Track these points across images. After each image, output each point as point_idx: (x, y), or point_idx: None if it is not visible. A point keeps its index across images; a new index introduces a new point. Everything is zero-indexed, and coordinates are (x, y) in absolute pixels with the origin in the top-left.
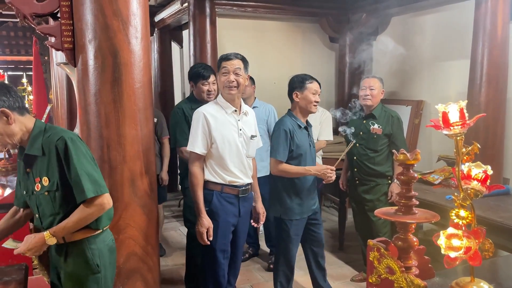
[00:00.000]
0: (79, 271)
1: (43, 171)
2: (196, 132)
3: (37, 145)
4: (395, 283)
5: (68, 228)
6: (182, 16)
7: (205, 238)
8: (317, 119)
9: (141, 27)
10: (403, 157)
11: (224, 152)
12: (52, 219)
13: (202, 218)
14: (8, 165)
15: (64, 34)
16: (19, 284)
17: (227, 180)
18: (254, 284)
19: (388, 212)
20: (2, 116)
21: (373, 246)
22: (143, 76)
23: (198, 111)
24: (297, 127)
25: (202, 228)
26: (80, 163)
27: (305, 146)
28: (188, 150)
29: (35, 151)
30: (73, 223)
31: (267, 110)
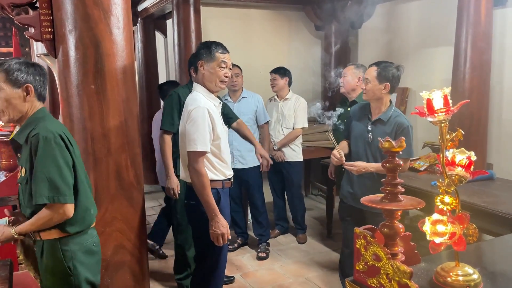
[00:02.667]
0: (53, 270)
1: (23, 161)
2: (204, 130)
3: (25, 134)
4: (381, 270)
5: (31, 227)
6: (166, 5)
7: (225, 239)
8: (291, 108)
9: (123, 17)
10: (388, 145)
11: (223, 147)
12: (25, 210)
13: (220, 219)
14: None
15: (44, 25)
16: (3, 280)
17: (227, 175)
18: (244, 273)
19: (374, 200)
20: (23, 90)
21: (360, 234)
22: (127, 66)
23: (201, 106)
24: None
25: (223, 228)
26: (44, 166)
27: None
28: (199, 150)
29: (20, 139)
30: (34, 223)
31: (256, 100)
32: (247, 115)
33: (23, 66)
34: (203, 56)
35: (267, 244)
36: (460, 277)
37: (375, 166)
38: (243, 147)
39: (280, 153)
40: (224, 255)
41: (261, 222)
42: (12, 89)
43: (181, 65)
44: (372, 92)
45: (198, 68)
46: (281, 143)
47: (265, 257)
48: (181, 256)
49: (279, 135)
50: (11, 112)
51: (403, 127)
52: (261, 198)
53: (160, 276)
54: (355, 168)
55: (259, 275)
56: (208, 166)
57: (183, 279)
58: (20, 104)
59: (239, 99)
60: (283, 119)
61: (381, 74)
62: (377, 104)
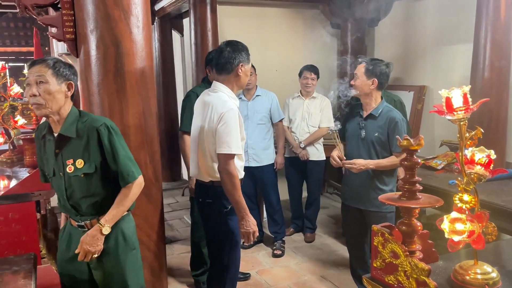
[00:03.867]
0: (120, 250)
1: (77, 154)
2: (237, 133)
3: (73, 127)
4: (399, 267)
5: (119, 213)
6: (183, 4)
7: (255, 236)
8: (317, 106)
9: (142, 16)
10: (406, 143)
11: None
12: (83, 201)
13: (250, 217)
14: (13, 157)
15: (66, 25)
16: (28, 273)
17: (242, 174)
18: (259, 270)
19: (392, 198)
20: (66, 87)
21: (377, 231)
22: (146, 65)
23: (233, 109)
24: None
25: (254, 226)
26: (124, 149)
27: None
28: (233, 153)
29: (70, 133)
30: (123, 205)
31: (270, 98)
32: (262, 113)
33: (67, 64)
34: (244, 58)
35: (283, 241)
36: (479, 275)
37: (374, 162)
38: (257, 146)
39: (305, 152)
40: (238, 252)
41: (276, 220)
42: (56, 83)
43: (197, 64)
44: (360, 87)
45: (234, 69)
46: (308, 141)
47: (280, 255)
48: (198, 253)
49: (303, 133)
50: (53, 105)
51: (395, 121)
52: (276, 196)
53: (177, 272)
54: (355, 166)
55: (275, 272)
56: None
57: (200, 276)
58: (61, 99)
59: (253, 97)
60: (309, 117)
61: (369, 70)
62: (367, 101)
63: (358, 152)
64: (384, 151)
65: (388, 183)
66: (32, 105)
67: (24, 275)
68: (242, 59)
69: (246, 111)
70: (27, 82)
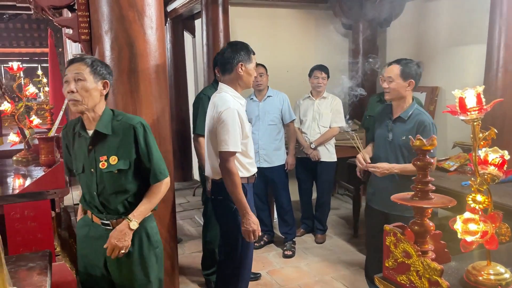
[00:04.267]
0: (143, 248)
1: (111, 151)
2: (235, 130)
3: (109, 125)
4: (411, 267)
5: (146, 211)
6: (195, 5)
7: (256, 235)
8: (328, 106)
9: (156, 17)
10: (419, 143)
11: (250, 145)
12: (113, 197)
13: (252, 216)
14: (29, 156)
15: (81, 26)
16: (43, 269)
17: (251, 171)
18: (270, 271)
19: (405, 197)
20: (102, 85)
21: (390, 231)
22: (159, 66)
23: (231, 108)
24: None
25: (254, 225)
26: (156, 148)
27: None
28: (231, 150)
29: (106, 130)
30: (147, 204)
31: (281, 98)
32: (273, 114)
33: (103, 63)
34: (244, 57)
35: (293, 242)
36: (492, 276)
37: (399, 167)
38: (268, 146)
39: (316, 152)
40: (251, 251)
41: (286, 221)
42: (93, 81)
43: (209, 65)
44: (397, 90)
45: (234, 69)
46: (318, 141)
47: (291, 255)
48: (209, 253)
49: (314, 133)
50: (89, 102)
51: (424, 125)
52: (287, 196)
53: (188, 271)
54: (378, 169)
55: (285, 273)
56: (236, 165)
57: (211, 275)
58: (97, 97)
59: (265, 98)
60: (319, 118)
61: (404, 71)
62: (399, 103)
63: (385, 155)
64: (412, 155)
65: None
66: (69, 101)
67: (39, 271)
68: (241, 58)
69: (257, 112)
70: (65, 79)
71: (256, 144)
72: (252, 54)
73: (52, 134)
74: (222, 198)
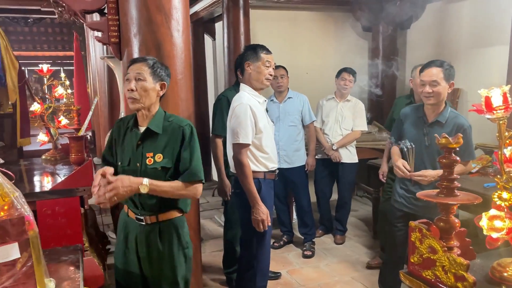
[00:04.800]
0: (172, 247)
1: (158, 148)
2: (246, 124)
3: (160, 124)
4: (437, 262)
5: (162, 189)
6: (216, 8)
7: (265, 225)
8: (351, 109)
9: (182, 21)
10: (445, 141)
11: (266, 141)
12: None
13: (261, 206)
14: (57, 155)
15: (111, 29)
16: (75, 263)
17: (269, 167)
18: (290, 270)
19: (431, 194)
20: (159, 86)
21: (415, 227)
22: (185, 68)
23: (243, 103)
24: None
25: (263, 215)
26: (199, 152)
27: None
28: (241, 142)
29: (157, 129)
30: (169, 188)
31: (301, 100)
32: (293, 115)
33: (163, 65)
34: (249, 57)
35: (312, 243)
36: None
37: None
38: (289, 147)
39: (337, 154)
40: (266, 243)
41: (306, 222)
42: (152, 82)
43: (230, 67)
44: (442, 94)
45: (245, 68)
46: (340, 143)
47: (310, 255)
48: (231, 251)
49: (336, 135)
50: (146, 101)
51: (463, 128)
52: (307, 198)
53: (209, 270)
54: (426, 178)
55: (305, 272)
56: (251, 158)
57: (232, 273)
58: (154, 97)
59: (285, 100)
60: (342, 120)
61: (447, 74)
62: (436, 107)
63: (421, 161)
64: None
65: None
66: (128, 99)
67: (72, 264)
68: (247, 57)
69: (278, 113)
70: (126, 77)
71: (277, 145)
72: (262, 53)
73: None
74: (239, 191)
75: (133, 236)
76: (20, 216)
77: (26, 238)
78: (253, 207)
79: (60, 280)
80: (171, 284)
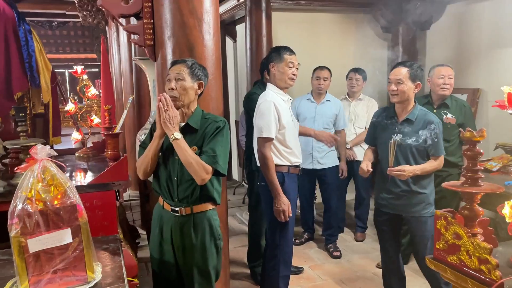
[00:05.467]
0: (206, 238)
1: (194, 142)
2: (270, 119)
3: (198, 121)
4: (462, 247)
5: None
6: (238, 11)
7: (286, 215)
8: (364, 108)
9: (213, 24)
10: (469, 134)
11: (289, 136)
12: (189, 184)
13: (283, 197)
14: (89, 152)
15: (146, 32)
16: (116, 250)
17: (292, 162)
18: (312, 265)
19: (456, 184)
20: (197, 85)
21: (440, 215)
22: (215, 69)
23: (267, 100)
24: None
25: (284, 206)
26: (227, 145)
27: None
28: (264, 136)
29: (196, 125)
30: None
31: (337, 105)
32: (328, 118)
33: (201, 66)
34: (274, 58)
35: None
36: None
37: (420, 168)
38: (321, 148)
39: (351, 152)
40: (288, 234)
41: (331, 223)
42: (191, 81)
43: (252, 68)
44: (406, 93)
45: (270, 69)
46: (354, 142)
47: (339, 256)
48: (255, 245)
49: (350, 134)
50: (185, 99)
51: (433, 124)
52: (336, 200)
53: (233, 264)
54: (405, 172)
55: (327, 268)
56: (274, 152)
57: (256, 267)
58: (192, 95)
59: (323, 102)
60: (355, 119)
61: (412, 74)
62: (405, 105)
63: (394, 158)
64: (421, 157)
65: (427, 186)
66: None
67: (113, 252)
68: (272, 59)
69: (314, 113)
70: (167, 78)
71: (310, 146)
72: (285, 54)
73: (117, 131)
74: (264, 184)
75: (168, 227)
76: (72, 204)
77: (78, 224)
78: (275, 198)
79: (103, 265)
80: (203, 273)
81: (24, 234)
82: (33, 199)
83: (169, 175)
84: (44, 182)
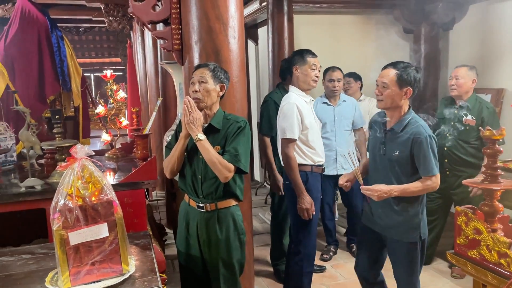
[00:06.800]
0: (230, 233)
1: (217, 142)
2: (293, 121)
3: (220, 122)
4: (482, 242)
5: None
6: (260, 15)
7: (310, 213)
8: (365, 108)
9: (238, 28)
10: (489, 133)
11: (312, 136)
12: (213, 181)
13: (306, 196)
14: (118, 153)
15: (174, 37)
16: (147, 245)
17: (315, 161)
18: (334, 265)
19: (475, 181)
20: (219, 88)
21: (461, 212)
22: (240, 72)
23: (290, 102)
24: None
25: (307, 204)
26: (248, 144)
27: None
28: (288, 137)
29: (218, 125)
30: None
31: (353, 104)
32: (348, 119)
33: (223, 69)
34: (297, 61)
35: None
36: None
37: (400, 189)
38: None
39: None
40: (312, 231)
41: (355, 224)
42: (213, 84)
43: (274, 70)
44: (391, 99)
45: (293, 72)
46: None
47: None
48: (278, 244)
49: None
50: (208, 101)
51: (420, 139)
52: (360, 201)
53: (256, 263)
54: (375, 193)
55: (349, 267)
56: (298, 152)
57: (279, 265)
58: (214, 97)
59: (339, 103)
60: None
61: (401, 78)
62: (393, 113)
63: (375, 169)
64: (403, 174)
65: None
66: (193, 99)
67: (144, 247)
68: (295, 62)
69: (333, 117)
70: (191, 81)
71: (334, 150)
72: (308, 57)
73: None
74: (288, 182)
75: (194, 223)
76: (109, 200)
77: (113, 219)
78: (299, 196)
79: (136, 259)
80: (227, 266)
81: (65, 228)
82: (73, 195)
83: (194, 173)
84: (83, 180)
